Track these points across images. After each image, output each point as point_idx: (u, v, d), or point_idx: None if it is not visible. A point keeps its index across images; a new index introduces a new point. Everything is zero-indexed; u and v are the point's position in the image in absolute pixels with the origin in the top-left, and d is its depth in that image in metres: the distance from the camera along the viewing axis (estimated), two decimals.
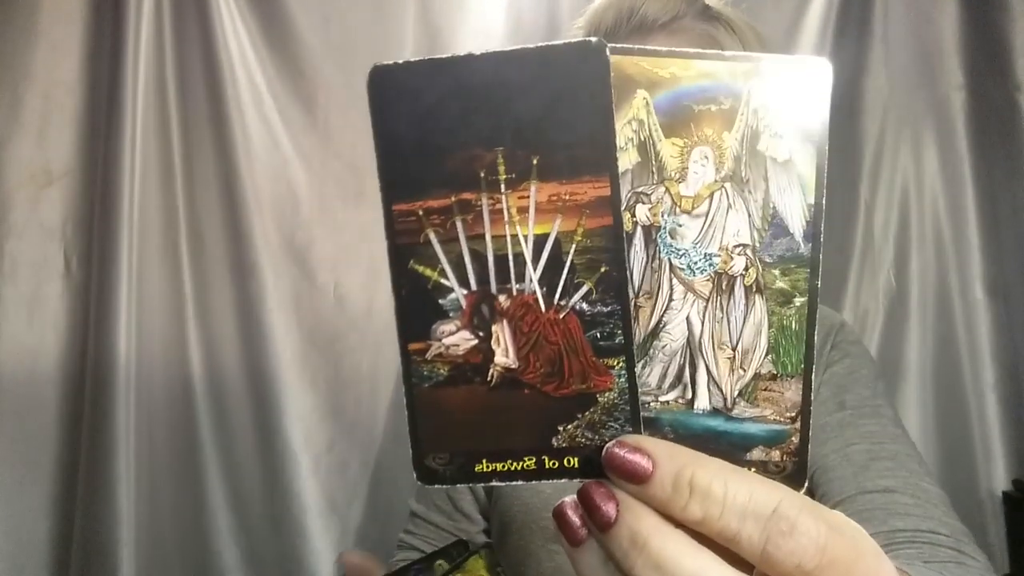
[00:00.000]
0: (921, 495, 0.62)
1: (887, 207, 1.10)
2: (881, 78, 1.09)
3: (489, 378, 0.27)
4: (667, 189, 0.27)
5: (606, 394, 0.27)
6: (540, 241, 0.26)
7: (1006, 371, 1.07)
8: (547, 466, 0.27)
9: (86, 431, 0.98)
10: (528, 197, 0.26)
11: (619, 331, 0.26)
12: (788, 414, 0.27)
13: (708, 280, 0.27)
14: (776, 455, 0.27)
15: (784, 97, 0.26)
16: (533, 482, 0.27)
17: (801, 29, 1.09)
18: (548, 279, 0.26)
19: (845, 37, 1.08)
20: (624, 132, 0.26)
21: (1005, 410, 1.06)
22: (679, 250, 0.27)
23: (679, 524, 0.25)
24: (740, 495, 0.25)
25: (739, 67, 0.26)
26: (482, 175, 0.26)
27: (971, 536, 0.60)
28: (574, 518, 0.26)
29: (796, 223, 0.26)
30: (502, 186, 0.26)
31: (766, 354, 0.27)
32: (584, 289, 0.26)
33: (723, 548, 0.25)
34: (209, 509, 1.03)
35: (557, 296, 0.26)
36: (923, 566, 0.54)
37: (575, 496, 0.26)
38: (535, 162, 0.26)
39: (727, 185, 0.26)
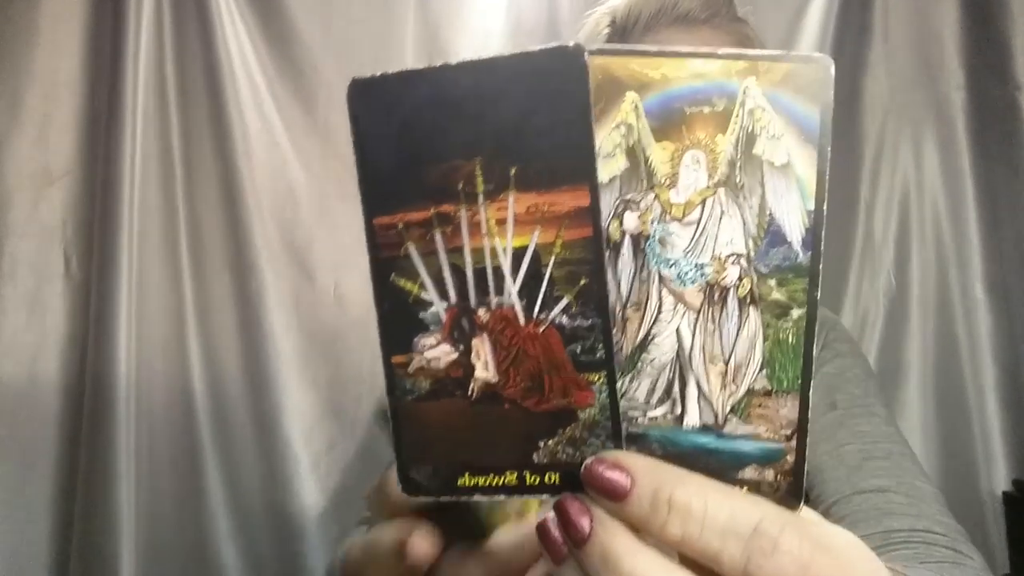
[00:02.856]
0: (915, 493, 0.62)
1: (887, 207, 1.10)
2: (881, 78, 1.09)
3: (470, 392, 0.27)
4: (657, 196, 0.25)
5: (587, 410, 0.26)
6: (519, 254, 0.26)
7: (1006, 371, 1.07)
8: (528, 482, 0.27)
9: (86, 431, 0.98)
10: (507, 206, 0.25)
11: (600, 345, 0.26)
12: (783, 432, 0.26)
13: (700, 291, 0.25)
14: (770, 475, 0.26)
15: (782, 96, 0.24)
16: (515, 497, 0.27)
17: (801, 29, 1.09)
18: (527, 292, 0.26)
19: (845, 37, 1.08)
20: (612, 137, 0.25)
21: (1005, 410, 1.06)
22: (669, 259, 0.26)
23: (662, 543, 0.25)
24: (721, 513, 0.24)
25: (734, 66, 0.24)
26: (460, 187, 0.25)
27: (966, 534, 0.60)
28: (556, 534, 0.25)
29: (794, 230, 0.25)
30: (480, 197, 0.25)
31: (760, 369, 0.26)
32: (564, 303, 0.26)
33: (705, 568, 0.24)
34: (209, 509, 1.03)
35: (537, 310, 0.26)
36: (920, 567, 0.54)
37: None
38: (513, 172, 0.25)
39: (721, 191, 0.25)
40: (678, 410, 0.26)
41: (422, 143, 0.25)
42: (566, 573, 0.25)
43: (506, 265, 0.26)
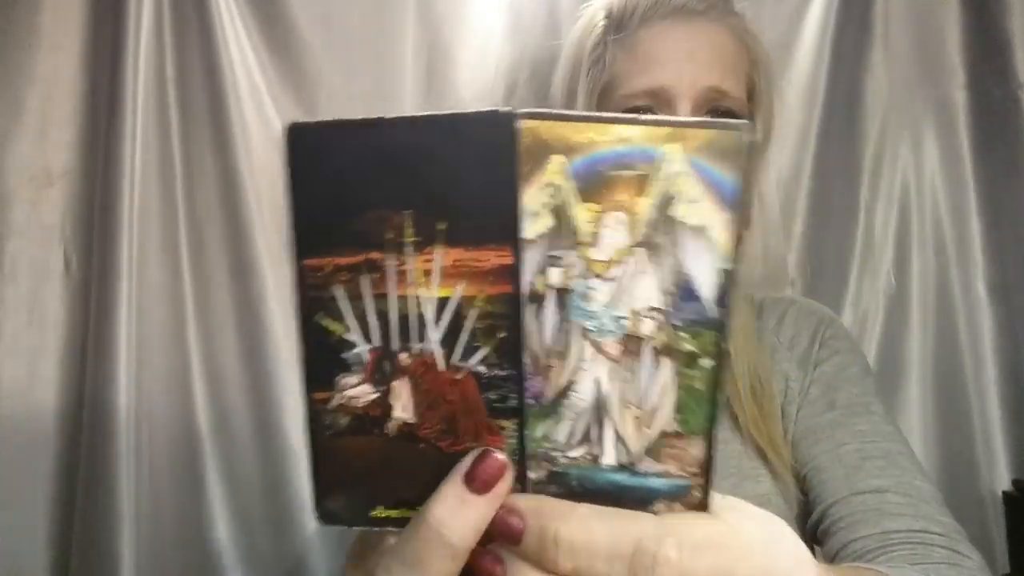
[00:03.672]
0: (914, 493, 0.62)
1: (887, 207, 1.10)
2: (881, 78, 1.09)
3: (387, 431, 0.29)
4: (580, 253, 0.27)
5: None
6: (442, 304, 0.27)
7: (1007, 371, 1.07)
8: None
9: (86, 431, 0.98)
10: (433, 260, 0.27)
11: (513, 395, 0.28)
12: (691, 469, 0.28)
13: (618, 342, 0.27)
14: (678, 507, 0.28)
15: (702, 162, 0.26)
16: None
17: (801, 29, 1.09)
18: (448, 341, 0.27)
19: (845, 37, 1.08)
20: (540, 197, 0.26)
21: (1006, 410, 1.06)
22: (590, 313, 0.27)
23: None
24: (603, 540, 0.26)
25: (656, 132, 0.26)
26: (390, 236, 0.27)
27: (964, 533, 0.60)
28: None
29: (707, 288, 0.27)
30: (409, 249, 0.27)
31: (673, 413, 0.28)
32: (482, 353, 0.27)
33: None
34: (209, 509, 1.03)
35: (456, 358, 0.28)
36: (913, 568, 0.54)
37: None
38: (442, 227, 0.26)
39: (640, 250, 0.27)
40: (596, 451, 0.28)
41: (356, 191, 0.27)
42: None
43: (429, 314, 0.27)
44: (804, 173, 1.09)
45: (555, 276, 0.27)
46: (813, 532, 0.66)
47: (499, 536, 0.27)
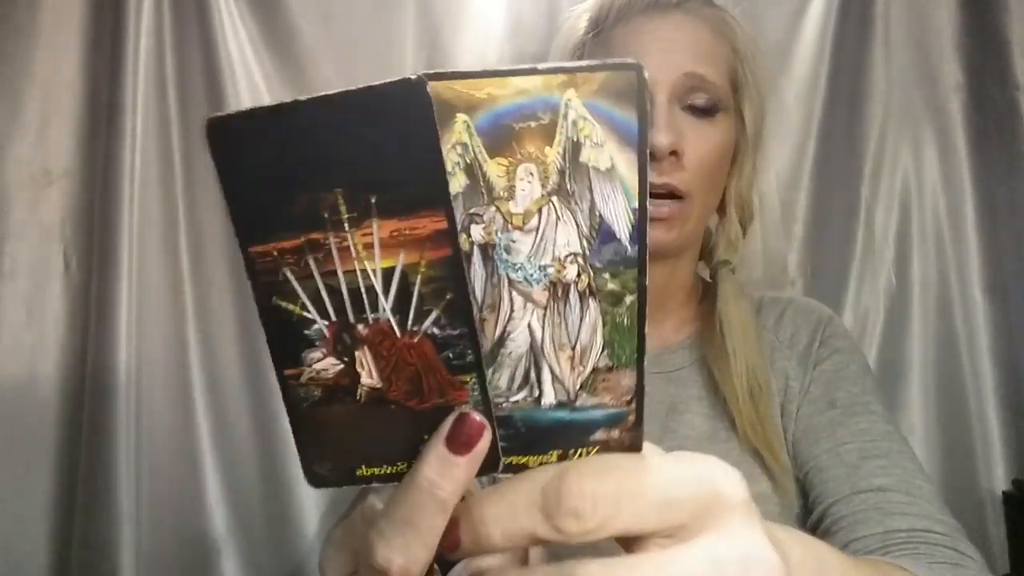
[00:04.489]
0: (915, 492, 0.62)
1: (887, 207, 1.10)
2: (881, 78, 1.09)
3: (358, 397, 0.30)
4: (497, 208, 0.28)
5: (463, 406, 0.29)
6: (388, 274, 0.28)
7: (1006, 371, 1.07)
8: None
9: (86, 431, 0.98)
10: (372, 233, 0.27)
11: (469, 351, 0.29)
12: (624, 398, 0.30)
13: (545, 289, 0.29)
14: (616, 433, 0.30)
15: (601, 105, 0.26)
16: None
17: (801, 29, 1.09)
18: (399, 308, 0.28)
19: (845, 37, 1.08)
20: (450, 157, 0.27)
21: (1005, 410, 1.06)
22: (515, 264, 0.28)
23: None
24: (517, 499, 0.28)
25: (553, 79, 0.26)
26: (326, 216, 0.27)
27: (964, 532, 0.60)
28: None
29: (622, 228, 0.28)
30: (346, 225, 0.27)
31: (602, 350, 0.29)
32: (433, 315, 0.28)
33: None
34: (209, 509, 1.03)
35: (410, 323, 0.28)
36: (927, 567, 0.54)
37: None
38: (374, 201, 0.26)
39: (554, 199, 0.27)
40: (536, 392, 0.30)
41: (285, 176, 0.27)
42: None
43: (378, 285, 0.28)
44: (804, 173, 1.09)
45: (477, 233, 0.28)
46: (813, 531, 0.65)
47: (446, 547, 0.29)
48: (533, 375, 0.30)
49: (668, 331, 0.79)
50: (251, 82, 1.05)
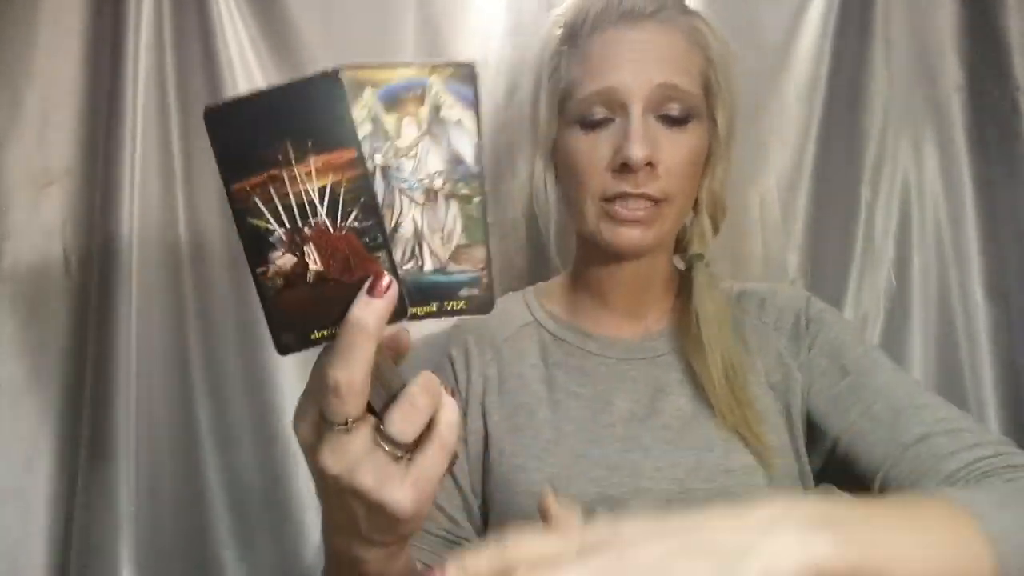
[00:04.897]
0: (952, 426, 0.68)
1: (887, 207, 1.10)
2: (881, 78, 1.09)
3: (308, 279, 0.43)
4: (391, 144, 0.44)
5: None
6: (322, 191, 0.42)
7: (1006, 371, 1.07)
8: None
9: (86, 431, 0.98)
10: (311, 166, 0.42)
11: (379, 236, 0.43)
12: (479, 265, 0.46)
13: (422, 194, 0.45)
14: (475, 291, 0.46)
15: (452, 83, 0.44)
16: None
17: (801, 29, 1.09)
18: (331, 212, 0.42)
19: (845, 37, 1.08)
20: (361, 113, 0.43)
21: (1005, 410, 1.06)
22: (403, 178, 0.44)
23: None
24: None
25: (424, 69, 0.43)
26: (280, 158, 0.42)
27: (1010, 442, 0.67)
28: None
29: (469, 155, 0.45)
30: (293, 162, 0.42)
31: (461, 232, 0.45)
32: (353, 214, 0.43)
33: None
34: (209, 509, 1.03)
35: (338, 221, 0.43)
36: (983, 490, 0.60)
37: None
38: (310, 144, 0.42)
39: (426, 138, 0.44)
40: (420, 263, 0.45)
41: (255, 136, 0.42)
42: None
43: (316, 199, 0.42)
44: (804, 173, 1.09)
45: (378, 159, 0.44)
46: (879, 490, 0.70)
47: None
48: (417, 251, 0.45)
49: (650, 321, 0.83)
50: (251, 80, 1.05)
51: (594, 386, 0.78)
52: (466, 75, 0.44)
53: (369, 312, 0.42)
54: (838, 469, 0.74)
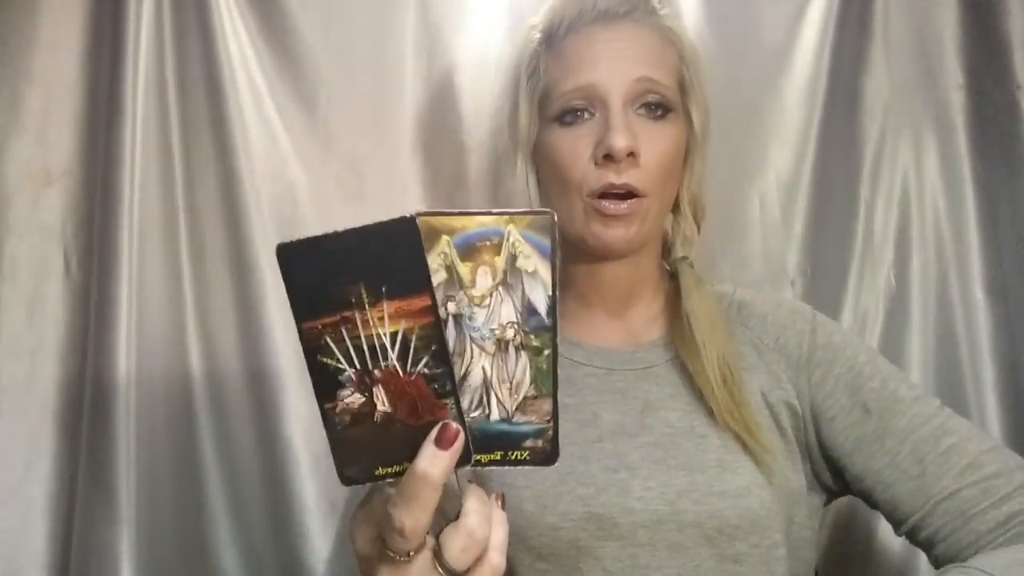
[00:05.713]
0: (979, 475, 0.69)
1: (887, 207, 1.10)
2: (881, 78, 1.09)
3: (376, 419, 0.44)
4: (465, 292, 0.45)
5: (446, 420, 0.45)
6: (394, 335, 0.43)
7: (1006, 371, 1.06)
8: None
9: (86, 431, 0.98)
10: (383, 310, 0.43)
11: (448, 383, 0.44)
12: (545, 418, 0.46)
13: (493, 344, 0.45)
14: (540, 443, 0.46)
15: (529, 233, 0.44)
16: None
17: (801, 29, 1.09)
18: (402, 357, 0.43)
19: (845, 37, 1.08)
20: (437, 260, 0.44)
21: (1005, 410, 1.06)
22: (474, 327, 0.45)
23: None
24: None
25: (500, 219, 0.44)
26: (353, 300, 0.42)
27: None
28: None
29: (541, 307, 0.45)
30: (367, 306, 0.42)
31: (530, 384, 0.46)
32: (423, 361, 0.43)
33: None
34: (209, 509, 1.03)
35: (408, 366, 0.44)
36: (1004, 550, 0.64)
37: None
38: (384, 289, 0.42)
39: (500, 288, 0.45)
40: (487, 411, 0.46)
41: (329, 277, 0.42)
42: None
43: (387, 343, 0.43)
44: (804, 173, 1.09)
45: (452, 307, 0.45)
46: (905, 536, 0.73)
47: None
48: (484, 399, 0.46)
49: (638, 328, 0.81)
50: (251, 82, 1.05)
51: (581, 397, 0.76)
52: (544, 225, 0.43)
53: (435, 464, 0.43)
54: (861, 496, 0.75)
